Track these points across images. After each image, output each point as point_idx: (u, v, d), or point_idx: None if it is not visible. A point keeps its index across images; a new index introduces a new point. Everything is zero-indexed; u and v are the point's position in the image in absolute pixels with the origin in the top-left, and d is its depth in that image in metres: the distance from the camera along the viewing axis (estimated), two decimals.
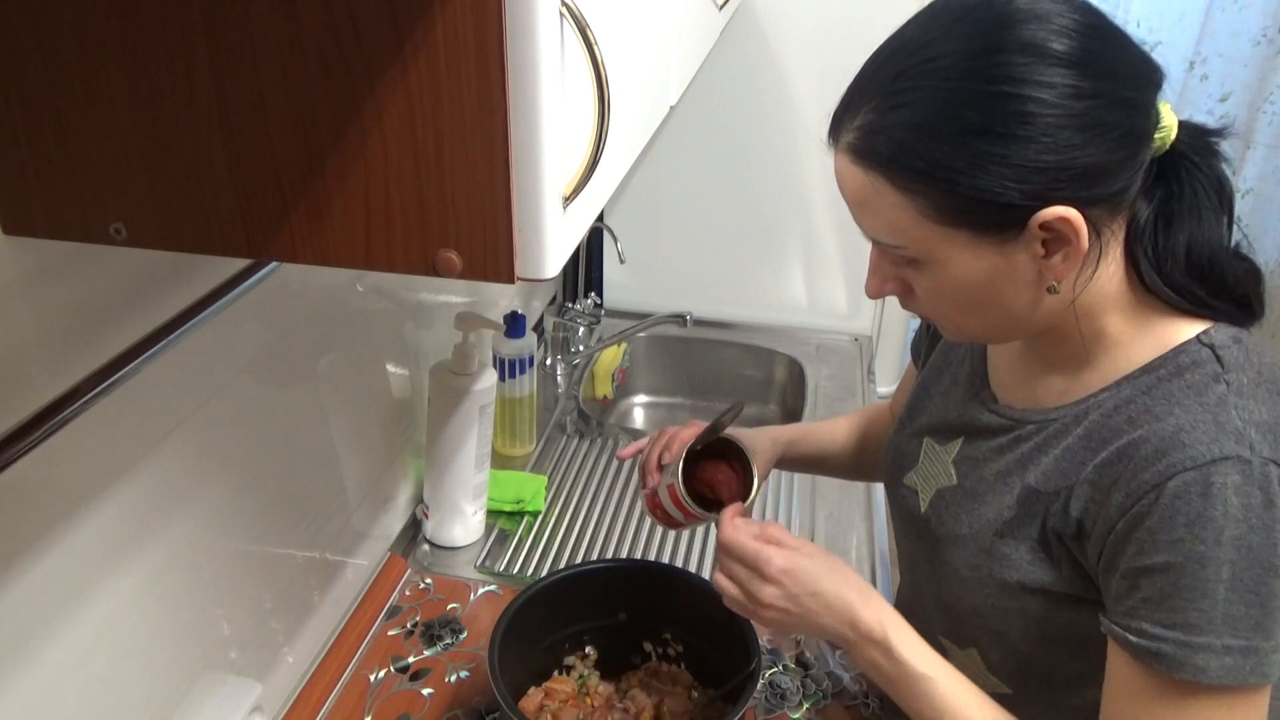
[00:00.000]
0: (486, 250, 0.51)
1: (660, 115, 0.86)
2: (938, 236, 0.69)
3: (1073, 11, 0.66)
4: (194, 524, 0.86)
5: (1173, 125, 0.70)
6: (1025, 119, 0.63)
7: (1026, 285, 0.71)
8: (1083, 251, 0.68)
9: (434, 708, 1.08)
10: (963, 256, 0.69)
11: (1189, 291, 0.72)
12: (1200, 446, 0.66)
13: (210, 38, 0.49)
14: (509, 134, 0.48)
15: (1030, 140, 0.64)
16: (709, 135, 1.86)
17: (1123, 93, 0.66)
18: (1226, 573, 0.65)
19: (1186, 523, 0.66)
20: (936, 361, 0.95)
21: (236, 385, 0.89)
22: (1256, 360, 0.71)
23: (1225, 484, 0.65)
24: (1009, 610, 0.79)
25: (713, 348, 1.98)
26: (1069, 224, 0.66)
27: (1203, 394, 0.69)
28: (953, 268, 0.70)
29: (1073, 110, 0.64)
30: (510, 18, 0.46)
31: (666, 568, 1.18)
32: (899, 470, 0.93)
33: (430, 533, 1.34)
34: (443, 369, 1.23)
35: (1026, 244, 0.68)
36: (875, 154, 0.69)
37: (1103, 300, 0.73)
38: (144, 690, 0.82)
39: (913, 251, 0.71)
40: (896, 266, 0.75)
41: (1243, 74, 2.43)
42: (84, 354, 0.69)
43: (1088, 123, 0.64)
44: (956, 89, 0.65)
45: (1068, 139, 0.64)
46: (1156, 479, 0.67)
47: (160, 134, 0.52)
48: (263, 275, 0.86)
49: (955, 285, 0.72)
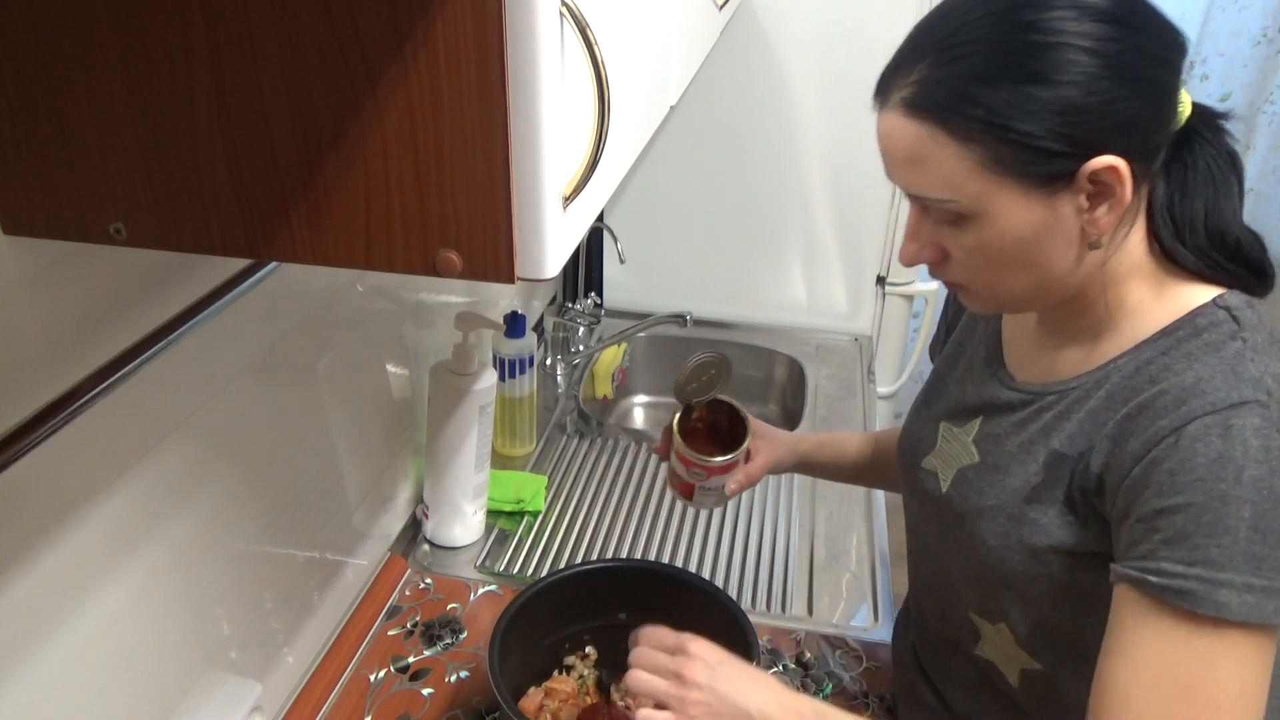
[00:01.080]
0: (486, 250, 0.51)
1: (660, 115, 0.86)
2: (991, 188, 0.71)
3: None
4: (194, 524, 0.86)
5: (1188, 103, 0.74)
6: (1078, 67, 0.67)
7: (1069, 242, 0.73)
8: (1125, 204, 0.70)
9: (434, 708, 1.08)
10: (1013, 209, 0.71)
11: (1209, 256, 0.75)
12: (1219, 393, 0.68)
13: (210, 38, 0.49)
14: (509, 134, 0.48)
15: (1082, 88, 0.67)
16: (709, 135, 1.86)
17: (1160, 51, 0.70)
18: (1248, 512, 0.66)
19: (1206, 463, 0.67)
20: (951, 351, 0.97)
21: (237, 385, 0.89)
22: (1268, 323, 0.73)
23: (1245, 426, 0.67)
24: (1038, 576, 0.80)
25: (713, 348, 1.97)
26: (1116, 174, 0.69)
27: (1220, 350, 0.71)
28: (1001, 221, 0.72)
29: (1120, 62, 0.67)
30: (510, 18, 0.46)
31: (666, 568, 1.18)
32: (916, 455, 0.94)
33: (430, 533, 1.34)
34: (443, 369, 1.23)
35: (1073, 196, 0.70)
36: (934, 104, 0.70)
37: (1127, 266, 0.76)
38: (144, 690, 0.82)
39: (963, 205, 0.72)
40: (937, 229, 0.76)
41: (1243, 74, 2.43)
42: (84, 354, 0.69)
43: (1130, 75, 0.68)
44: (1013, 40, 0.68)
45: (1115, 90, 0.67)
46: (1175, 424, 0.69)
47: (160, 134, 0.52)
48: (263, 275, 0.86)
49: (1001, 241, 0.73)
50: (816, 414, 1.74)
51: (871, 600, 1.27)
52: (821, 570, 1.33)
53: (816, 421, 1.71)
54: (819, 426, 1.70)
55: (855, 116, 1.79)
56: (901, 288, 2.00)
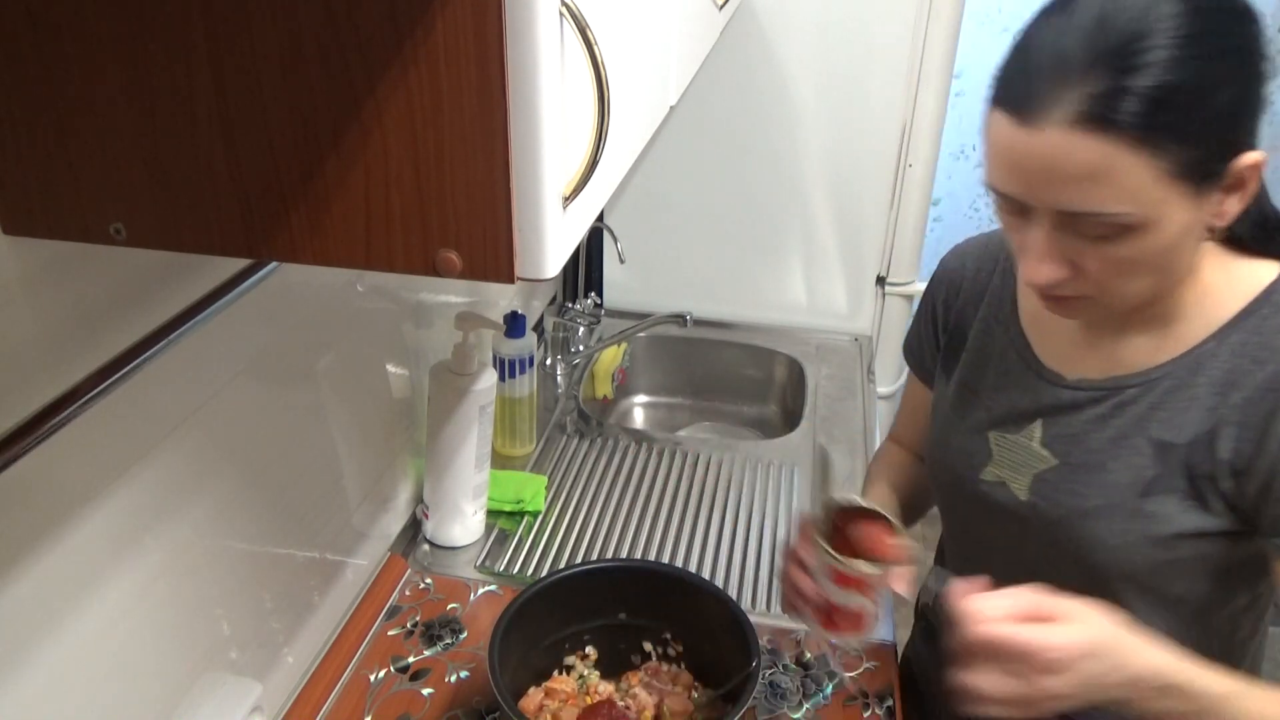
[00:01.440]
0: (486, 250, 0.51)
1: (660, 115, 0.86)
2: (1171, 196, 0.69)
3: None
4: (194, 524, 0.86)
5: None
6: (1239, 70, 0.69)
7: (1198, 236, 0.74)
8: (1251, 195, 0.72)
9: (434, 708, 1.08)
10: (1179, 215, 0.71)
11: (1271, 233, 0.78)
12: None
13: (210, 38, 0.49)
14: (509, 134, 0.48)
15: (1239, 88, 0.69)
16: (709, 135, 1.86)
17: (1264, 46, 0.71)
18: None
19: None
20: (973, 359, 0.95)
21: (236, 385, 0.89)
22: None
23: None
24: (1163, 564, 0.80)
25: (713, 348, 1.98)
26: (1257, 169, 0.71)
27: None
28: (1166, 228, 0.71)
29: (1255, 59, 0.70)
30: (510, 18, 0.46)
31: (666, 568, 1.18)
32: (973, 468, 0.92)
33: (430, 533, 1.34)
34: (443, 369, 1.23)
35: (1214, 193, 0.72)
36: (1124, 115, 0.67)
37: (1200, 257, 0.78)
38: (144, 690, 0.82)
39: (1139, 216, 0.70)
40: (1077, 245, 0.73)
41: None
42: (84, 354, 0.69)
43: (1259, 72, 0.70)
44: (1199, 47, 0.67)
45: (1256, 86, 0.70)
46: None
47: (160, 134, 0.52)
48: (263, 275, 0.86)
49: (1156, 247, 0.72)
50: (817, 414, 1.74)
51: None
52: None
53: (816, 421, 1.71)
54: (819, 426, 1.70)
55: (855, 116, 1.80)
56: (901, 288, 2.00)
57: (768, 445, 1.67)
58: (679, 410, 1.99)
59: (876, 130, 1.80)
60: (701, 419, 1.97)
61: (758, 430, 1.93)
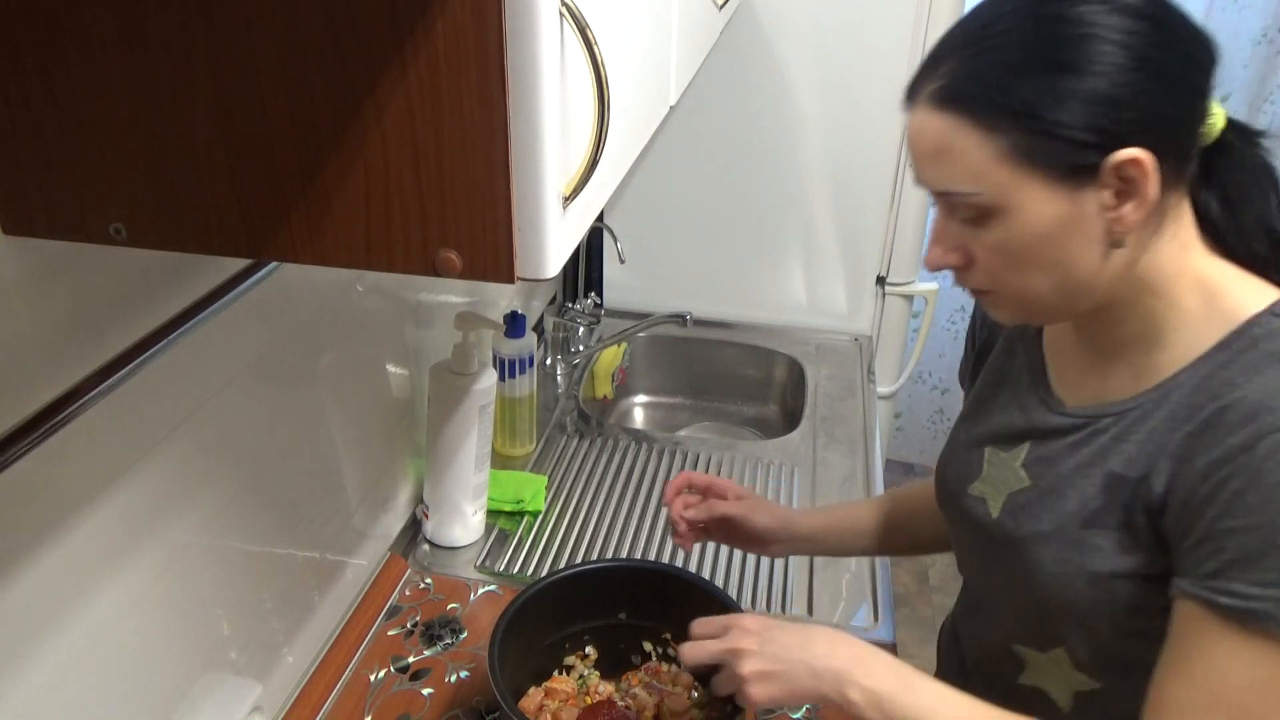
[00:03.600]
0: (486, 250, 0.51)
1: (660, 115, 0.86)
2: (1017, 179, 0.70)
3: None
4: (194, 524, 0.86)
5: (1221, 115, 0.74)
6: (1107, 58, 0.67)
7: (1093, 240, 0.72)
8: (1151, 202, 0.69)
9: (434, 708, 1.08)
10: (1037, 202, 0.71)
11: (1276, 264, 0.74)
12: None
13: (210, 38, 0.49)
14: (509, 134, 0.48)
15: (1111, 79, 0.67)
16: (709, 135, 1.86)
17: (1190, 52, 0.70)
18: None
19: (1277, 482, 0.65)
20: (990, 377, 0.94)
21: (236, 385, 0.89)
22: None
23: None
24: (1100, 601, 0.78)
25: (713, 348, 1.98)
26: (1140, 167, 0.68)
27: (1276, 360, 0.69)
28: (1025, 215, 0.71)
29: (1148, 56, 0.67)
30: (510, 18, 0.46)
31: (666, 568, 1.18)
32: (963, 481, 0.92)
33: (430, 533, 1.34)
34: (443, 369, 1.23)
35: (1098, 192, 0.70)
36: (962, 95, 0.70)
37: (1170, 274, 0.75)
38: (144, 690, 0.82)
39: (988, 197, 0.71)
40: (961, 231, 0.75)
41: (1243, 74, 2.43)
42: (84, 354, 0.69)
43: (1157, 71, 0.68)
44: (1043, 30, 0.69)
45: (1143, 83, 0.67)
46: (1246, 441, 0.67)
47: (160, 134, 0.52)
48: (263, 275, 0.86)
49: (1025, 237, 0.72)
50: (816, 414, 1.74)
51: (871, 599, 1.27)
52: (821, 569, 1.33)
53: (816, 421, 1.71)
54: (819, 427, 1.70)
55: (855, 116, 1.80)
56: (901, 288, 2.00)
57: (768, 445, 1.67)
58: (679, 410, 1.99)
59: (876, 130, 1.80)
60: (701, 419, 1.97)
61: (758, 430, 1.93)
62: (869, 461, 1.60)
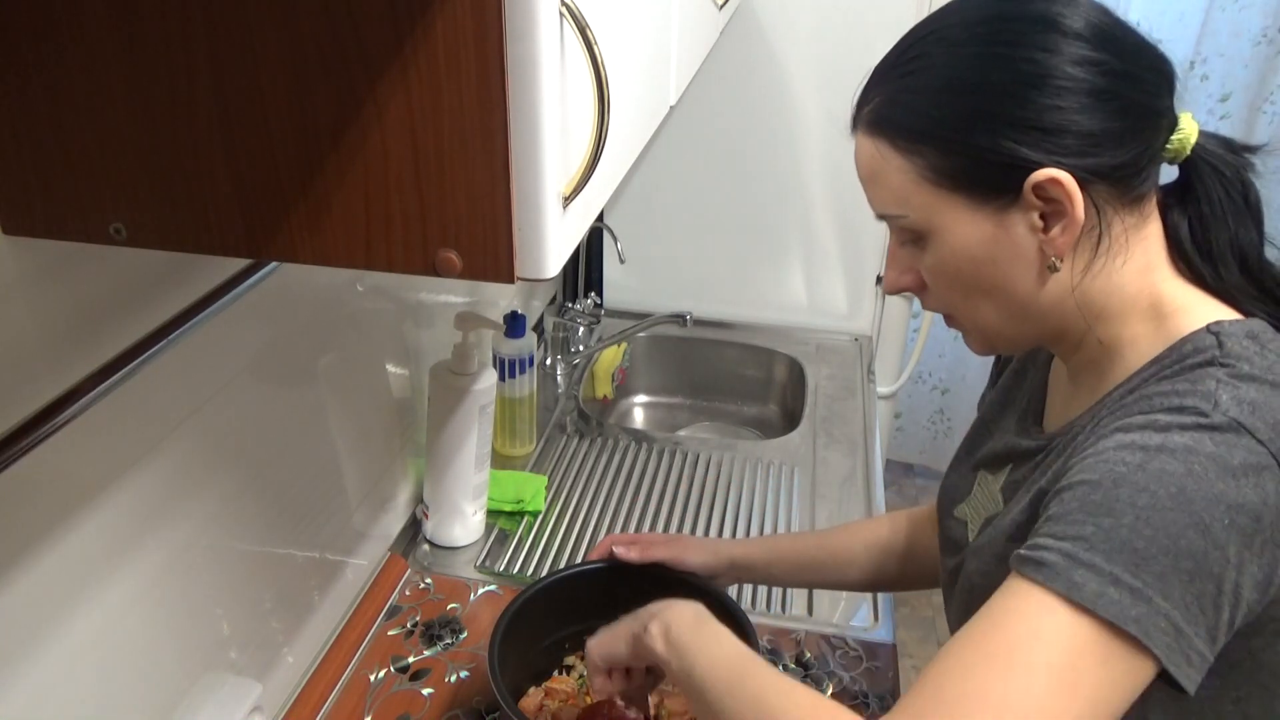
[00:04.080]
0: (486, 250, 0.51)
1: (660, 115, 0.86)
2: (937, 201, 0.70)
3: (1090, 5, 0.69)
4: (194, 524, 0.86)
5: (1192, 131, 0.71)
6: (1022, 78, 0.66)
7: (1028, 263, 0.71)
8: (1078, 222, 0.67)
9: (434, 708, 1.08)
10: (961, 225, 0.70)
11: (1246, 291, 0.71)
12: (1165, 400, 0.64)
13: (210, 38, 0.49)
14: (509, 134, 0.48)
15: (1023, 100, 0.66)
16: (709, 135, 1.86)
17: (1123, 67, 0.67)
18: (1144, 500, 0.59)
19: (1117, 447, 0.62)
20: (997, 399, 0.93)
21: (237, 385, 0.89)
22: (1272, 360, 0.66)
23: (1173, 423, 0.62)
24: None
25: (713, 348, 1.98)
26: (1061, 187, 0.66)
27: (1192, 372, 0.66)
28: (952, 238, 0.71)
29: (1068, 73, 0.66)
30: (510, 18, 0.46)
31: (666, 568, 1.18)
32: (950, 504, 0.91)
33: (430, 533, 1.34)
34: (443, 369, 1.23)
35: (1024, 213, 0.69)
36: (883, 121, 0.72)
37: (1130, 297, 0.72)
38: (144, 690, 0.82)
39: (914, 220, 0.72)
40: (907, 254, 0.76)
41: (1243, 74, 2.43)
42: (84, 354, 0.69)
43: (1084, 89, 0.66)
44: (959, 53, 0.69)
45: (1062, 100, 0.66)
46: (1115, 426, 0.65)
47: (160, 134, 0.52)
48: (263, 275, 0.86)
49: (956, 260, 0.72)
50: (816, 414, 1.74)
51: (872, 600, 1.27)
52: None
53: (816, 421, 1.71)
54: (819, 427, 1.70)
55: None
56: None
57: (768, 445, 1.67)
58: (679, 410, 1.99)
59: None
60: (701, 419, 1.97)
61: (758, 430, 1.93)
62: (869, 461, 1.60)
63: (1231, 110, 2.47)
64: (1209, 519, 0.59)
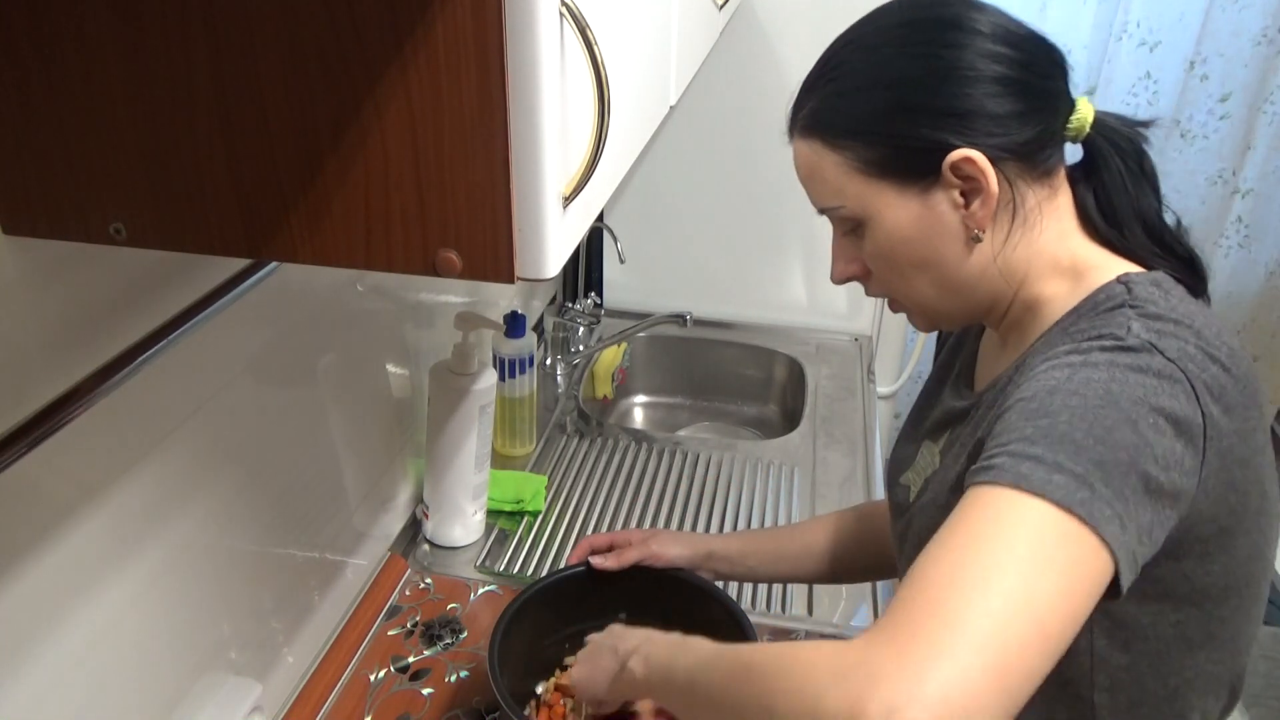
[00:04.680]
0: (486, 250, 0.51)
1: (660, 115, 0.86)
2: (869, 189, 0.77)
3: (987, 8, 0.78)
4: (194, 524, 0.86)
5: (1088, 112, 0.78)
6: (934, 72, 0.74)
7: (954, 237, 0.78)
8: (994, 196, 0.75)
9: (434, 708, 1.08)
10: (892, 208, 0.77)
11: (1151, 250, 0.78)
12: (1084, 334, 0.70)
13: (210, 38, 0.49)
14: (509, 134, 0.48)
15: (936, 90, 0.74)
16: (709, 135, 1.86)
17: (1022, 57, 0.75)
18: (1076, 402, 0.64)
19: (1047, 370, 0.68)
20: (937, 374, 0.98)
21: (236, 385, 0.89)
22: (1174, 303, 0.72)
23: (1093, 347, 0.68)
24: None
25: (713, 348, 1.98)
26: (975, 165, 0.74)
27: (1106, 313, 0.72)
28: (886, 221, 0.78)
29: (974, 65, 0.74)
30: (510, 18, 0.46)
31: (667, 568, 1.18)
32: (896, 474, 0.95)
33: (430, 533, 1.34)
34: (443, 369, 1.23)
35: (945, 191, 0.76)
36: (816, 124, 0.79)
37: (1049, 262, 0.79)
38: (144, 690, 0.82)
39: (850, 209, 0.79)
40: (850, 245, 0.83)
41: (1243, 74, 2.43)
42: (84, 354, 0.69)
43: (988, 77, 0.74)
44: (877, 56, 0.77)
45: (970, 89, 0.73)
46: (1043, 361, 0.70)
47: (160, 133, 0.52)
48: (263, 275, 0.86)
49: (891, 241, 0.79)
50: (817, 414, 1.74)
51: (871, 600, 1.27)
52: None
53: (816, 421, 1.71)
54: (819, 427, 1.70)
55: None
56: None
57: (768, 445, 1.67)
58: (679, 410, 1.99)
59: None
60: (701, 419, 1.97)
61: (758, 430, 1.93)
62: (869, 461, 1.60)
63: (1231, 110, 2.47)
64: (1135, 416, 0.63)
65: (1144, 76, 2.46)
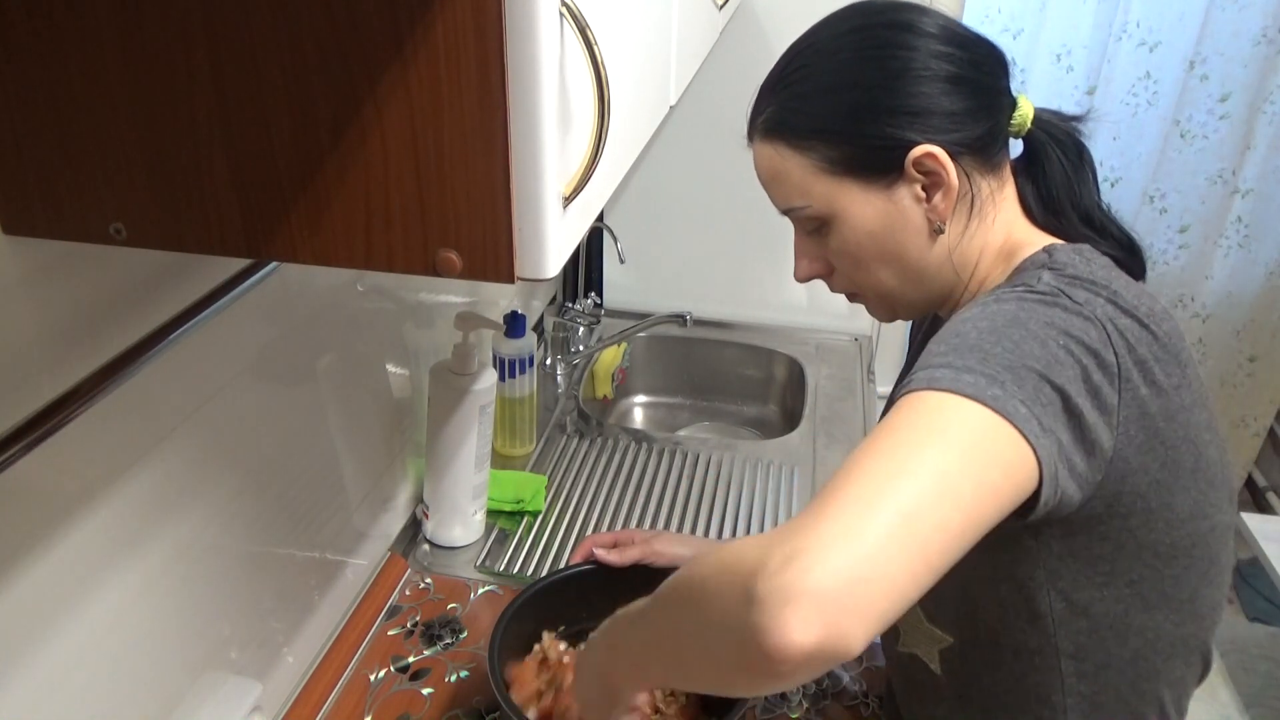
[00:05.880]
0: (486, 250, 0.51)
1: (660, 115, 0.86)
2: (835, 188, 0.80)
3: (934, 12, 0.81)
4: (194, 524, 0.86)
5: (1029, 109, 0.83)
6: (891, 73, 0.77)
7: (918, 229, 0.81)
8: (954, 188, 0.79)
9: (434, 708, 1.08)
10: (857, 204, 0.80)
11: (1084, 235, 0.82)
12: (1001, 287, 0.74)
13: (210, 38, 0.49)
14: (509, 134, 0.48)
15: (894, 90, 0.77)
16: (709, 135, 1.86)
17: (970, 56, 0.79)
18: (985, 324, 0.68)
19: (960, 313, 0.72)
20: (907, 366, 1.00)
21: (237, 385, 0.90)
22: (1095, 269, 0.75)
23: (1004, 294, 0.72)
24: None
25: (713, 348, 1.98)
26: (936, 159, 0.77)
27: (1026, 273, 0.77)
28: (851, 218, 0.81)
29: (927, 65, 0.77)
30: (510, 18, 0.46)
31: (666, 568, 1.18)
32: None
33: (430, 533, 1.34)
34: (443, 369, 1.23)
35: (908, 186, 0.79)
36: (778, 126, 0.82)
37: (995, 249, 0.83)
38: (144, 690, 0.82)
39: (816, 208, 0.82)
40: (813, 243, 0.86)
41: (1243, 74, 2.43)
42: (84, 354, 0.69)
43: (941, 76, 0.77)
44: (835, 60, 0.80)
45: (925, 88, 0.77)
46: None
47: (160, 134, 0.52)
48: (263, 275, 0.86)
49: (856, 236, 0.82)
50: (817, 414, 1.74)
51: None
52: None
53: (816, 421, 1.72)
54: (819, 427, 1.70)
55: None
56: None
57: (768, 445, 1.67)
58: (679, 410, 1.99)
59: None
60: (701, 419, 1.97)
61: (758, 430, 1.93)
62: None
63: (1231, 110, 2.47)
64: (1044, 336, 0.67)
65: (1144, 76, 2.46)
